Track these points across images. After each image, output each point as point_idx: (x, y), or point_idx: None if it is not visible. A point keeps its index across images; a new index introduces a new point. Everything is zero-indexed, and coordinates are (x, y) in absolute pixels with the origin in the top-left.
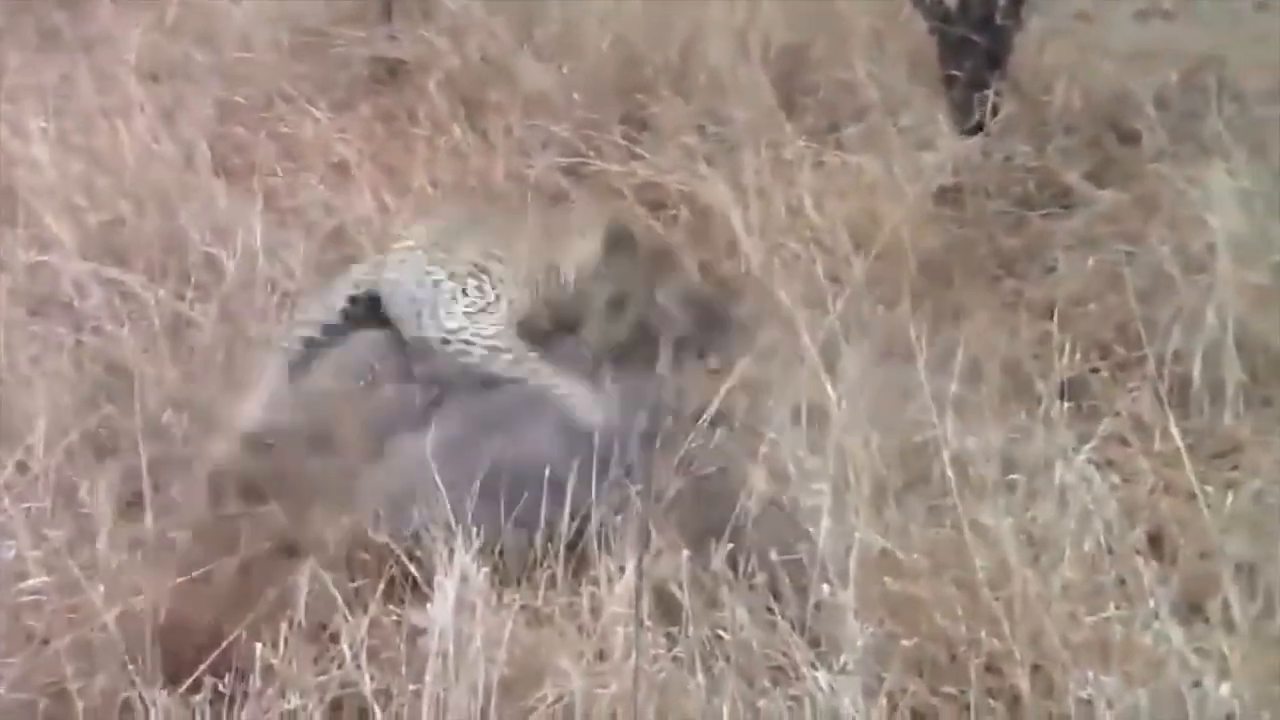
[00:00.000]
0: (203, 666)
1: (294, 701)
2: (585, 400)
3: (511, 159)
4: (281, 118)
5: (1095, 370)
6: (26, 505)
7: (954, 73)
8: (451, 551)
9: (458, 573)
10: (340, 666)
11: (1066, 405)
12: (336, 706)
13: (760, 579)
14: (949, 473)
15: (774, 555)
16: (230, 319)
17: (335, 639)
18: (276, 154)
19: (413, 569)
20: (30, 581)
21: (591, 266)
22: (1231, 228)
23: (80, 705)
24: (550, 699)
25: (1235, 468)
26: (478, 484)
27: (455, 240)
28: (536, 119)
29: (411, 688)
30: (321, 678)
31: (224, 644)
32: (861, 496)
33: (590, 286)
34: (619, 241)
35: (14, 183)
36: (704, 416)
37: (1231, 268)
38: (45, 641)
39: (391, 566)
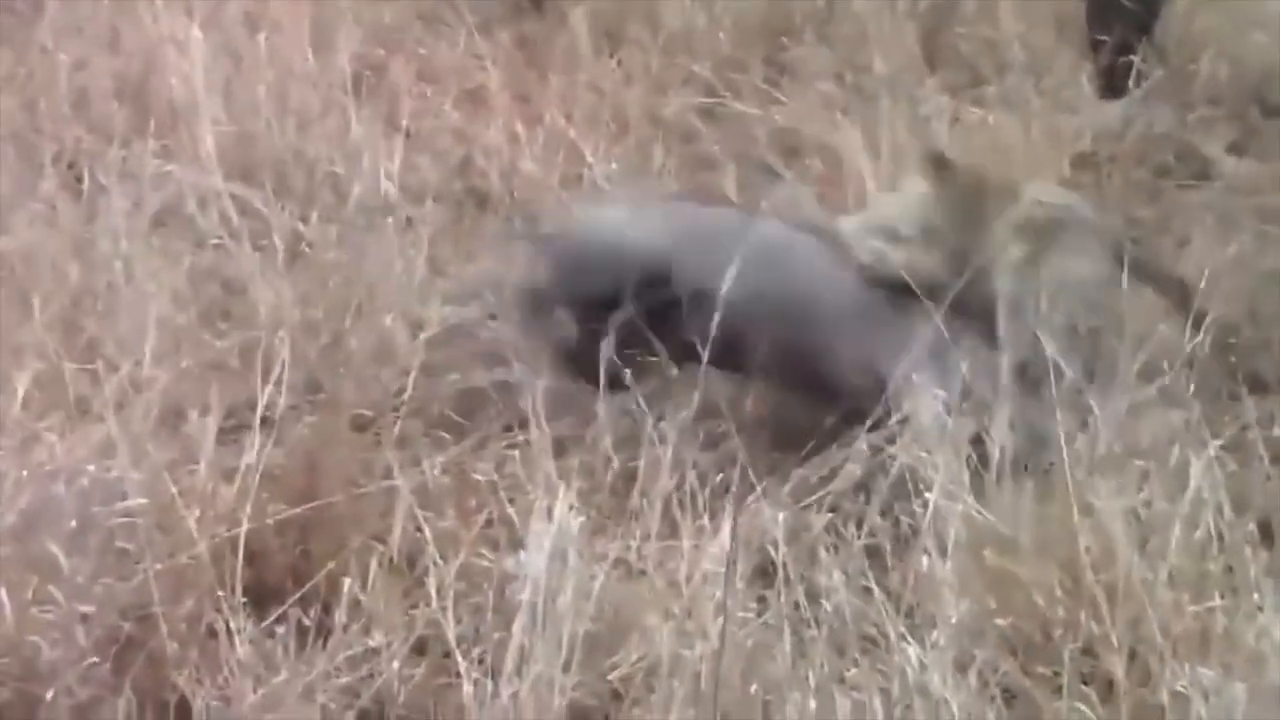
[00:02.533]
0: (291, 600)
1: (378, 639)
2: None
3: (649, 96)
4: (420, 40)
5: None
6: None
7: (1101, 37)
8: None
9: (555, 521)
10: (427, 606)
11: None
12: (420, 649)
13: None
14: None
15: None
16: (350, 242)
17: (425, 578)
18: (413, 77)
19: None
20: (127, 502)
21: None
22: None
23: (164, 630)
24: (635, 657)
25: None
26: None
27: None
28: (677, 57)
29: (497, 635)
30: (411, 613)
31: (314, 578)
32: (970, 467)
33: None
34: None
35: (152, 92)
36: None
37: None
38: (136, 563)
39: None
